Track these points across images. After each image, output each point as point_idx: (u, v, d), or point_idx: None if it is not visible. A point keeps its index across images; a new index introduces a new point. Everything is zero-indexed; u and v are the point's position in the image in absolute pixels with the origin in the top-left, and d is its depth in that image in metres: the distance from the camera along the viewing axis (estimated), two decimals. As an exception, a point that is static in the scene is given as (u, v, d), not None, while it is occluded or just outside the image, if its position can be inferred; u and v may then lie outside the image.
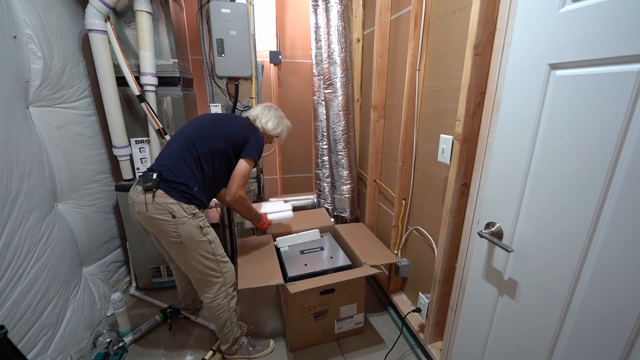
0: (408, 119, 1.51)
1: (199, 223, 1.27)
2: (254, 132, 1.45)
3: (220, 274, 1.37)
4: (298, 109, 2.62)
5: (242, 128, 1.43)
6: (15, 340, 1.05)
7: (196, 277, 1.37)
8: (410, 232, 1.65)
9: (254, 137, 1.42)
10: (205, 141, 1.32)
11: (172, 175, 1.25)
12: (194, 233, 1.26)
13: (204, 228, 1.29)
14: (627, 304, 0.65)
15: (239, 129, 1.42)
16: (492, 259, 1.00)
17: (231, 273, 1.42)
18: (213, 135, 1.35)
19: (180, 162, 1.28)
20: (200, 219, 1.29)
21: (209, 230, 1.32)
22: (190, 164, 1.29)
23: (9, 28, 1.21)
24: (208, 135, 1.34)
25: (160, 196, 1.22)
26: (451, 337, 1.25)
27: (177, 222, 1.22)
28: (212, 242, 1.32)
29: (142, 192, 1.22)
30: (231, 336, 1.47)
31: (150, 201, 1.21)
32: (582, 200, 0.71)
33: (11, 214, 1.13)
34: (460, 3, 1.14)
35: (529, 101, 0.82)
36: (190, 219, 1.25)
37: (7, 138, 1.15)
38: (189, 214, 1.24)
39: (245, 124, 1.46)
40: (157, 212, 1.22)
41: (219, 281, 1.37)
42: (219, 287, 1.38)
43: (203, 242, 1.29)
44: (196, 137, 1.33)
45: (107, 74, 1.62)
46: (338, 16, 1.90)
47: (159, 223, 1.23)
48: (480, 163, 1.03)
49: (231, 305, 1.43)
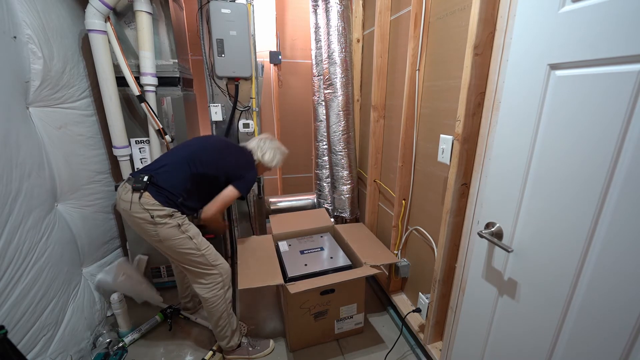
0: (408, 119, 1.51)
1: (177, 221, 1.31)
2: (250, 170, 1.53)
3: (212, 266, 1.39)
4: (298, 109, 2.63)
5: (242, 165, 1.52)
6: (15, 340, 1.05)
7: (188, 270, 1.40)
8: (410, 232, 1.65)
9: (249, 176, 1.51)
10: (204, 165, 1.39)
11: (162, 181, 1.31)
12: (172, 232, 1.30)
13: (182, 225, 1.32)
14: (627, 304, 0.65)
15: (238, 165, 1.50)
16: (492, 259, 1.00)
17: (224, 265, 1.44)
18: (212, 162, 1.42)
19: (174, 173, 1.35)
20: (178, 218, 1.32)
21: (188, 228, 1.34)
22: (182, 179, 1.35)
23: (9, 28, 1.21)
24: (207, 160, 1.41)
25: (145, 197, 1.27)
26: (451, 337, 1.25)
27: (156, 222, 1.27)
28: (192, 237, 1.34)
29: (130, 191, 1.29)
30: (228, 329, 1.47)
31: (136, 200, 1.27)
32: (582, 200, 0.71)
33: (11, 214, 1.13)
34: (460, 3, 1.14)
35: (529, 101, 0.82)
36: (168, 219, 1.29)
37: (7, 138, 1.15)
38: (167, 215, 1.29)
39: (246, 162, 1.54)
40: (139, 212, 1.27)
41: (212, 272, 1.40)
42: (215, 278, 1.40)
43: (183, 239, 1.32)
44: (197, 158, 1.39)
45: (107, 74, 1.62)
46: (338, 16, 1.90)
47: (139, 222, 1.28)
48: (480, 163, 1.03)
49: (227, 296, 1.44)
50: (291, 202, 2.38)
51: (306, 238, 1.89)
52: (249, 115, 1.98)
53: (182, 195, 1.34)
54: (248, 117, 1.98)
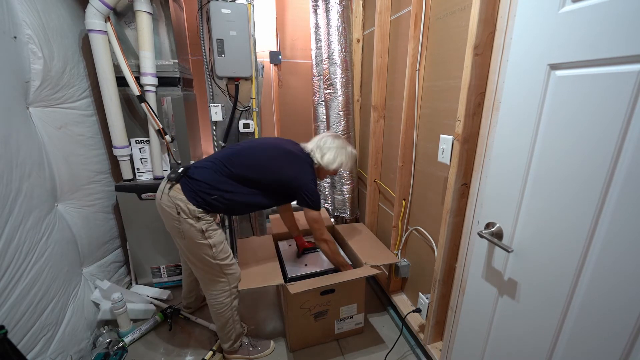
0: (408, 119, 1.51)
1: (202, 227, 1.26)
2: (305, 182, 1.36)
3: (224, 276, 1.37)
4: (298, 109, 2.62)
5: (294, 175, 1.36)
6: (15, 340, 1.05)
7: (200, 275, 1.38)
8: (410, 232, 1.65)
9: (304, 191, 1.35)
10: (244, 167, 1.31)
11: (197, 174, 1.28)
12: (195, 235, 1.26)
13: (206, 232, 1.27)
14: (627, 304, 0.65)
15: (289, 176, 1.36)
16: (492, 259, 1.00)
17: (236, 276, 1.40)
18: (255, 166, 1.32)
19: (212, 169, 1.30)
20: (204, 222, 1.27)
21: (212, 234, 1.29)
22: (219, 177, 1.29)
23: (9, 28, 1.21)
24: (249, 163, 1.32)
25: (175, 190, 1.25)
26: (451, 338, 1.25)
27: (180, 219, 1.24)
28: (213, 246, 1.29)
29: (165, 181, 1.30)
30: (233, 334, 1.47)
31: (167, 191, 1.26)
32: (582, 200, 0.71)
33: (11, 214, 1.13)
34: (460, 3, 1.14)
35: (529, 101, 0.82)
36: (193, 222, 1.25)
37: (7, 138, 1.15)
38: (192, 217, 1.25)
39: (299, 169, 1.38)
40: (167, 203, 1.26)
41: (222, 281, 1.37)
42: (223, 287, 1.38)
43: (203, 245, 1.28)
44: (237, 159, 1.32)
45: (107, 74, 1.62)
46: (338, 16, 1.90)
47: (166, 214, 1.28)
48: (480, 163, 1.03)
49: (234, 304, 1.43)
50: (291, 202, 2.38)
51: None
52: (249, 115, 1.98)
53: (218, 193, 1.27)
54: (248, 117, 1.98)
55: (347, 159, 1.50)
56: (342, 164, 1.49)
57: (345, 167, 1.52)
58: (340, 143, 1.50)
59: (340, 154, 1.47)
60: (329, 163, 1.44)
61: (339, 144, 1.49)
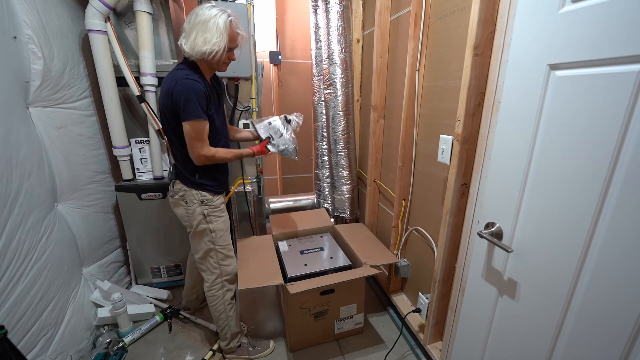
0: (408, 119, 1.51)
1: (204, 211, 1.33)
2: (179, 88, 1.12)
3: (217, 265, 1.40)
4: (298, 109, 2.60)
5: (164, 91, 1.16)
6: (15, 340, 1.05)
7: (198, 261, 1.43)
8: (410, 233, 1.65)
9: (180, 96, 1.11)
10: (162, 123, 1.25)
11: (179, 164, 1.33)
12: (197, 219, 1.33)
13: (207, 216, 1.34)
14: (627, 303, 0.65)
15: (166, 91, 1.15)
16: (492, 259, 1.00)
17: (229, 269, 1.44)
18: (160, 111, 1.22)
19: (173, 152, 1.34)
20: (206, 206, 1.33)
21: (212, 219, 1.35)
22: (177, 150, 1.29)
23: (9, 28, 1.21)
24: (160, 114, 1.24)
25: (177, 184, 1.34)
26: (451, 338, 1.25)
27: (188, 207, 1.33)
28: (213, 231, 1.36)
29: (169, 181, 1.40)
30: (228, 331, 1.48)
31: (172, 189, 1.37)
32: (582, 200, 0.71)
33: (11, 214, 1.13)
34: (460, 3, 1.14)
35: (529, 101, 0.82)
36: (197, 206, 1.32)
37: (7, 138, 1.15)
38: (197, 200, 1.32)
39: (166, 83, 1.16)
40: (175, 197, 1.36)
41: (215, 272, 1.41)
42: (215, 278, 1.42)
43: (204, 229, 1.35)
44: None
45: (107, 74, 1.62)
46: (338, 16, 1.90)
47: (177, 207, 1.37)
48: (480, 163, 1.03)
49: (226, 298, 1.45)
50: (291, 202, 2.37)
51: (306, 238, 1.89)
52: (249, 115, 1.98)
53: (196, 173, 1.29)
54: (248, 117, 1.98)
55: (216, 30, 1.10)
56: (212, 42, 1.11)
57: (220, 44, 1.12)
58: (207, 15, 1.10)
59: (203, 29, 1.09)
60: (193, 47, 1.11)
61: (205, 17, 1.10)
